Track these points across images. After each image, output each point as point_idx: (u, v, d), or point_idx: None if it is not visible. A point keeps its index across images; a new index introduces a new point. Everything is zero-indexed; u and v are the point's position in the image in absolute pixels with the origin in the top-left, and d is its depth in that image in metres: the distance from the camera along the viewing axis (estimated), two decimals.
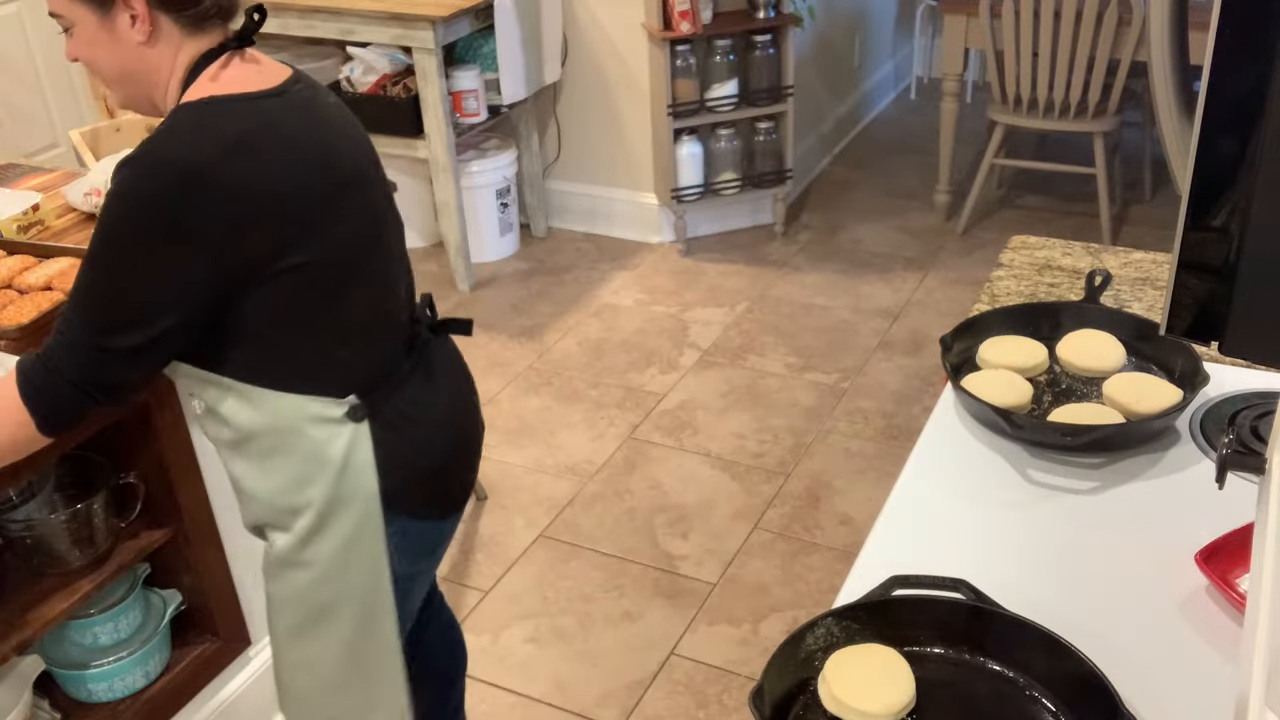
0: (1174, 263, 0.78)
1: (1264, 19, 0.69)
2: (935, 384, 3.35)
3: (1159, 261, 1.88)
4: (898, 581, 1.18)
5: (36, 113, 3.71)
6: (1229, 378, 1.54)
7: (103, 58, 1.36)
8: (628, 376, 3.48)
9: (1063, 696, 1.09)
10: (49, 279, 1.71)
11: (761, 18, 3.90)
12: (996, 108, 4.08)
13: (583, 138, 4.30)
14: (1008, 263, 1.90)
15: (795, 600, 2.60)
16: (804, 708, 1.11)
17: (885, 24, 5.49)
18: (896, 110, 5.63)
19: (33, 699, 1.81)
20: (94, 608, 1.91)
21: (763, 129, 4.11)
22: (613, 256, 4.20)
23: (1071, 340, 1.60)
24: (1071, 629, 1.11)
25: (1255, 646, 0.64)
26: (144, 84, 1.37)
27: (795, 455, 3.10)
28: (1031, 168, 4.47)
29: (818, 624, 1.15)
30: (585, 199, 4.37)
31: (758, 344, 3.64)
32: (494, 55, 3.76)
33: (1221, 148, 0.73)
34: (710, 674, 2.42)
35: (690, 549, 2.77)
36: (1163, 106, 1.03)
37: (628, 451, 3.14)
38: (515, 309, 3.89)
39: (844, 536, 2.79)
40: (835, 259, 4.17)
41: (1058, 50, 3.80)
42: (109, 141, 2.15)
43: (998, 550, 1.30)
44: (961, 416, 1.52)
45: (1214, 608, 1.20)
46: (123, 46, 1.34)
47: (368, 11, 3.62)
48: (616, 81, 4.13)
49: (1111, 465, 1.42)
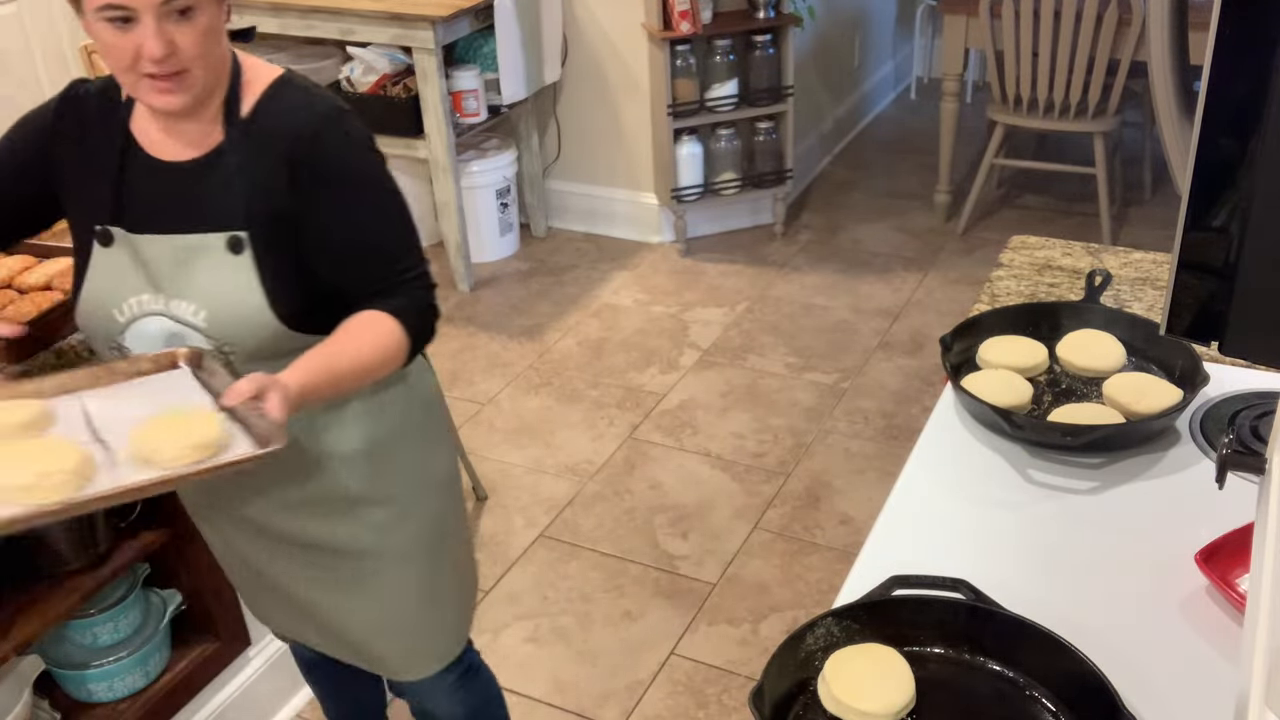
0: (1174, 263, 0.78)
1: (1264, 19, 0.69)
2: (935, 384, 3.35)
3: (1159, 261, 1.88)
4: (898, 581, 1.18)
5: None
6: (1229, 378, 1.54)
7: (211, 44, 1.34)
8: (628, 376, 3.48)
9: (1063, 696, 1.09)
10: (49, 279, 1.71)
11: (761, 18, 3.90)
12: (996, 108, 4.08)
13: (583, 138, 4.29)
14: (1008, 263, 1.90)
15: (795, 600, 2.60)
16: (804, 708, 1.11)
17: (885, 24, 5.49)
18: (896, 110, 5.62)
19: (33, 699, 1.82)
20: (94, 608, 1.91)
21: (763, 129, 4.10)
22: (613, 256, 4.19)
23: (1071, 340, 1.60)
24: (1071, 629, 1.11)
25: (1255, 646, 0.64)
26: (221, 72, 1.40)
27: (795, 455, 3.10)
28: (1031, 168, 4.47)
29: (818, 624, 1.15)
30: (585, 199, 4.37)
31: (758, 344, 3.64)
32: (494, 55, 3.76)
33: (1221, 148, 0.73)
34: (710, 674, 2.42)
35: (690, 549, 2.77)
36: (1163, 106, 1.03)
37: (628, 451, 3.14)
38: (515, 309, 3.89)
39: (844, 536, 2.78)
40: (835, 259, 4.17)
41: (1058, 50, 3.80)
42: None
43: (998, 550, 1.30)
44: (961, 416, 1.52)
45: (1214, 608, 1.20)
46: (221, 33, 1.38)
47: (368, 11, 3.61)
48: (616, 81, 4.13)
49: (1111, 465, 1.41)
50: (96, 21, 1.29)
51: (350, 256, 1.45)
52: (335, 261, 1.44)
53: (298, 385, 1.31)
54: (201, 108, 1.39)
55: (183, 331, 1.42)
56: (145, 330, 1.43)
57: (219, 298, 1.41)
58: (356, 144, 1.44)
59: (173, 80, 1.32)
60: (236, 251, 1.40)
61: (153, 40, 1.28)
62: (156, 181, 1.43)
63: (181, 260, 1.40)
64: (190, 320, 1.41)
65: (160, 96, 1.33)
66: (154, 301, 1.42)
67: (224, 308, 1.41)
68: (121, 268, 1.42)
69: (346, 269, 1.45)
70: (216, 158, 1.41)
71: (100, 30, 1.29)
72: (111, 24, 1.28)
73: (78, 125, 1.45)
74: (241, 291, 1.40)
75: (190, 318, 1.41)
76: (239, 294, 1.40)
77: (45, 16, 3.63)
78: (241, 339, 1.42)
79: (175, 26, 1.29)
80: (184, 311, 1.41)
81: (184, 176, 1.42)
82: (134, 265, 1.42)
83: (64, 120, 1.46)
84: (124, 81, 1.34)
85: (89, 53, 2.26)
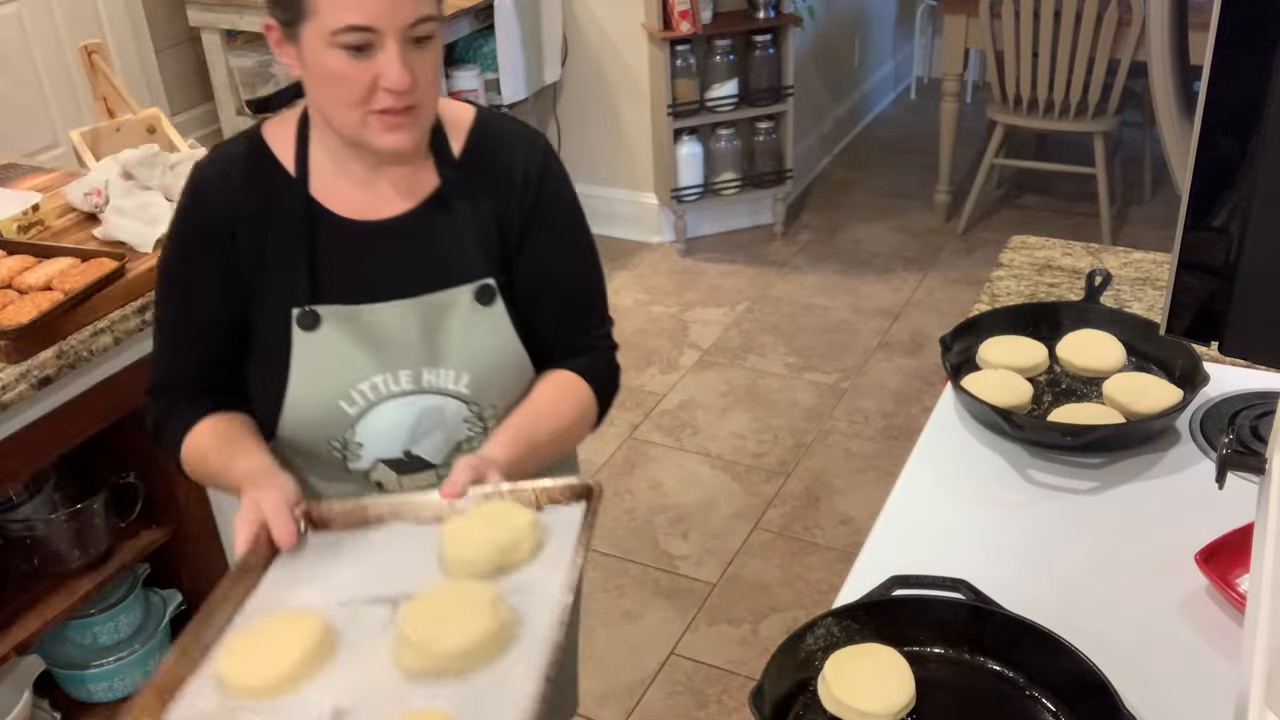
0: (1174, 263, 0.78)
1: (1264, 19, 0.69)
2: (935, 384, 3.35)
3: (1159, 261, 1.88)
4: (898, 581, 1.18)
5: (36, 113, 3.71)
6: (1229, 378, 1.54)
7: (438, 75, 1.23)
8: (627, 376, 3.48)
9: (1063, 696, 1.09)
10: (49, 279, 1.71)
11: (761, 18, 3.90)
12: (996, 108, 4.08)
13: (583, 138, 4.29)
14: (1008, 263, 1.90)
15: (795, 600, 2.60)
16: (804, 708, 1.11)
17: (885, 24, 5.49)
18: (896, 110, 5.62)
19: (33, 699, 1.81)
20: (94, 608, 1.91)
21: (763, 129, 4.10)
22: (613, 256, 4.19)
23: (1071, 340, 1.60)
24: (1071, 629, 1.11)
25: (1255, 646, 0.64)
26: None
27: (795, 455, 3.09)
28: (1031, 168, 4.47)
29: (818, 624, 1.15)
30: (585, 199, 4.29)
31: (758, 344, 3.64)
32: (494, 55, 3.76)
33: (1221, 148, 0.73)
34: (710, 674, 2.42)
35: (690, 549, 2.77)
36: (1163, 106, 1.03)
37: (628, 451, 3.14)
38: None
39: (844, 536, 2.78)
40: (835, 259, 4.17)
41: (1058, 50, 3.80)
42: (109, 141, 2.14)
43: (998, 550, 1.29)
44: (961, 416, 1.52)
45: (1214, 608, 1.20)
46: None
47: None
48: (616, 81, 4.13)
49: (1111, 465, 1.41)
50: (328, 49, 1.13)
51: (561, 305, 1.35)
52: (548, 310, 1.34)
53: (506, 460, 1.20)
54: (417, 148, 1.26)
55: (439, 405, 1.28)
56: (383, 418, 1.27)
57: (478, 356, 1.27)
58: (568, 183, 1.37)
59: (406, 115, 1.18)
60: (487, 302, 1.27)
61: (397, 68, 1.14)
62: (363, 245, 1.26)
63: (429, 324, 1.26)
64: (452, 389, 1.27)
65: (391, 134, 1.18)
66: (394, 381, 1.26)
67: (486, 367, 1.28)
68: (338, 351, 1.25)
69: (555, 318, 1.35)
70: (438, 204, 1.28)
71: (330, 59, 1.14)
72: (347, 51, 1.13)
73: (234, 207, 1.27)
74: (501, 345, 1.29)
75: (452, 386, 1.27)
76: (499, 349, 1.28)
77: (45, 16, 3.63)
78: (503, 399, 1.31)
79: (414, 54, 1.16)
80: (444, 381, 1.27)
81: (400, 232, 1.27)
82: (356, 344, 1.25)
83: (224, 207, 1.27)
84: (345, 121, 1.18)
85: (89, 53, 2.26)
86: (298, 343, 1.25)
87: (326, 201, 1.27)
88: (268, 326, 1.27)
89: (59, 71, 3.70)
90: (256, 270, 1.26)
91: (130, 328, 1.75)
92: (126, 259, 1.76)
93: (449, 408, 1.28)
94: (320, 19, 1.13)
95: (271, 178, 1.27)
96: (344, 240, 1.26)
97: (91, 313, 1.70)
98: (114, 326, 1.72)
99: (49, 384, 1.64)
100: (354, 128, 1.19)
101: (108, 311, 1.73)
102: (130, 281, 1.75)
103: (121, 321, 1.74)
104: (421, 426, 1.28)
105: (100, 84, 2.26)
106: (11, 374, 1.59)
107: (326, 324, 1.25)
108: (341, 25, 1.12)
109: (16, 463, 1.66)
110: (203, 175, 1.29)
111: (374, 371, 1.26)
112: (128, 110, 2.25)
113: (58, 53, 3.65)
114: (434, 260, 1.26)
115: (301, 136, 1.28)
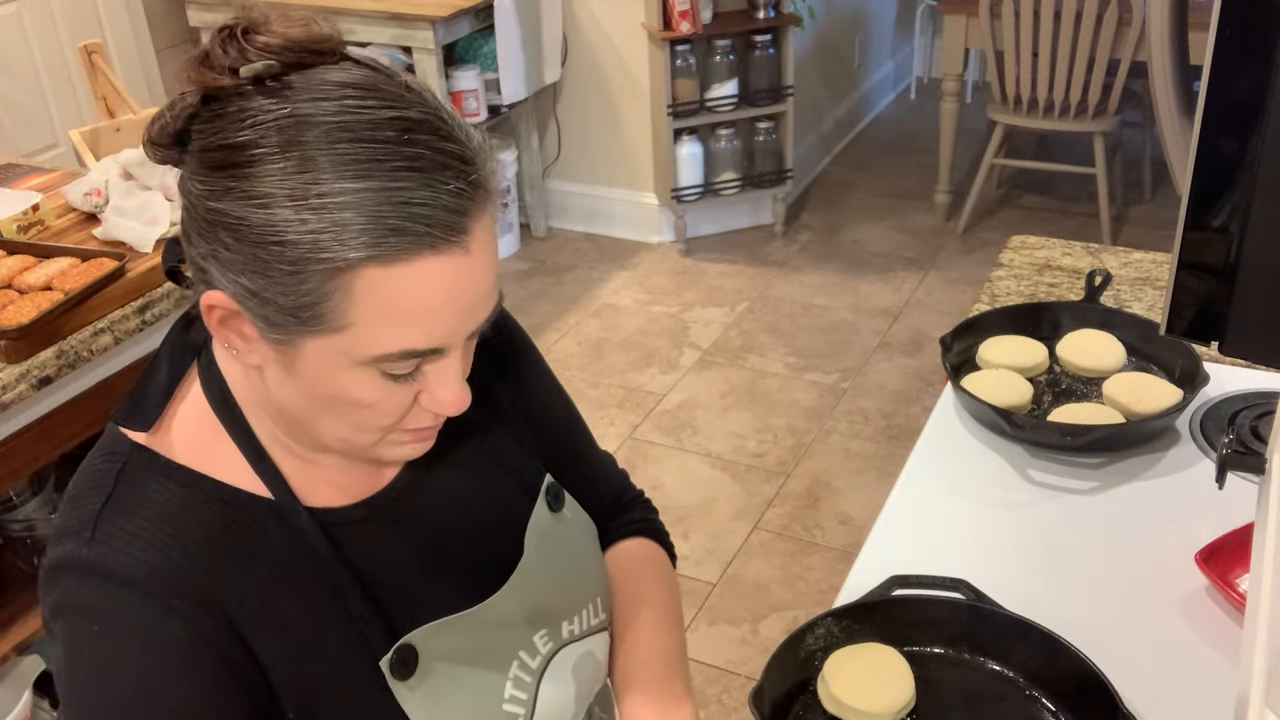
0: (1174, 263, 0.78)
1: (1264, 19, 0.69)
2: (935, 384, 3.35)
3: (1159, 261, 1.88)
4: (898, 581, 1.18)
5: (36, 113, 3.71)
6: (1229, 378, 1.54)
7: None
8: (628, 376, 3.48)
9: (1063, 696, 1.09)
10: (49, 279, 1.71)
11: (761, 18, 3.90)
12: (996, 108, 4.08)
13: (583, 138, 4.29)
14: (1008, 263, 1.90)
15: (795, 600, 2.60)
16: (804, 708, 1.11)
17: (885, 24, 5.49)
18: (896, 110, 5.62)
19: (33, 699, 1.81)
20: None
21: (763, 129, 4.10)
22: (613, 256, 4.19)
23: (1071, 340, 1.60)
24: (1071, 629, 1.11)
25: (1255, 646, 0.64)
26: None
27: (795, 455, 3.09)
28: (1031, 168, 4.47)
29: (818, 624, 1.15)
30: (585, 199, 4.37)
31: (758, 344, 3.64)
32: (494, 55, 3.76)
33: (1221, 148, 0.73)
34: (710, 674, 2.42)
35: (690, 549, 2.77)
36: (1163, 106, 1.03)
37: (628, 452, 3.14)
38: (515, 309, 3.85)
39: (844, 536, 2.78)
40: (835, 259, 4.17)
41: (1058, 50, 3.80)
42: (109, 141, 2.14)
43: (998, 550, 1.29)
44: (961, 416, 1.52)
45: (1214, 608, 1.20)
46: None
47: (368, 11, 3.62)
48: (616, 81, 4.13)
49: (1111, 465, 1.41)
50: (356, 368, 0.79)
51: (569, 439, 1.16)
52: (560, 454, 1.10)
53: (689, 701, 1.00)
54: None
55: (588, 652, 1.01)
56: (546, 705, 0.98)
57: (593, 570, 1.04)
58: (519, 327, 1.13)
59: (439, 422, 0.88)
60: (557, 504, 1.01)
61: (458, 389, 0.83)
62: (402, 533, 0.94)
63: (532, 565, 0.97)
64: (593, 625, 1.02)
65: (415, 446, 0.89)
66: (522, 669, 0.95)
67: (602, 578, 1.05)
68: (453, 681, 0.91)
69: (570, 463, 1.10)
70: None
71: (357, 382, 0.80)
72: (386, 375, 0.80)
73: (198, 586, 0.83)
74: (592, 532, 1.05)
75: (593, 621, 1.01)
76: (592, 537, 1.05)
77: (45, 16, 3.63)
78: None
79: (467, 350, 0.87)
80: (587, 623, 1.01)
81: (417, 486, 0.96)
82: (474, 652, 0.92)
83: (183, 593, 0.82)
84: (353, 443, 0.85)
85: (89, 53, 2.26)
86: (405, 699, 0.87)
87: (319, 501, 0.90)
88: (329, 693, 0.87)
89: (59, 71, 3.70)
90: (278, 650, 0.86)
91: (130, 328, 1.75)
92: (126, 259, 1.76)
93: (596, 640, 1.02)
94: (353, 337, 0.77)
95: (223, 515, 0.85)
96: (380, 540, 0.92)
97: (91, 313, 1.70)
98: (114, 326, 1.73)
99: (49, 384, 1.64)
100: (363, 447, 0.86)
101: (108, 311, 1.73)
102: (130, 281, 1.75)
103: (121, 321, 1.74)
104: (584, 684, 1.01)
105: (100, 84, 2.26)
106: (11, 374, 1.59)
107: (424, 658, 0.88)
108: (395, 351, 0.78)
109: (16, 463, 1.66)
110: (108, 566, 0.81)
111: (496, 666, 0.94)
112: (128, 110, 2.25)
113: (58, 53, 3.65)
114: (481, 490, 0.99)
115: (238, 432, 0.88)
